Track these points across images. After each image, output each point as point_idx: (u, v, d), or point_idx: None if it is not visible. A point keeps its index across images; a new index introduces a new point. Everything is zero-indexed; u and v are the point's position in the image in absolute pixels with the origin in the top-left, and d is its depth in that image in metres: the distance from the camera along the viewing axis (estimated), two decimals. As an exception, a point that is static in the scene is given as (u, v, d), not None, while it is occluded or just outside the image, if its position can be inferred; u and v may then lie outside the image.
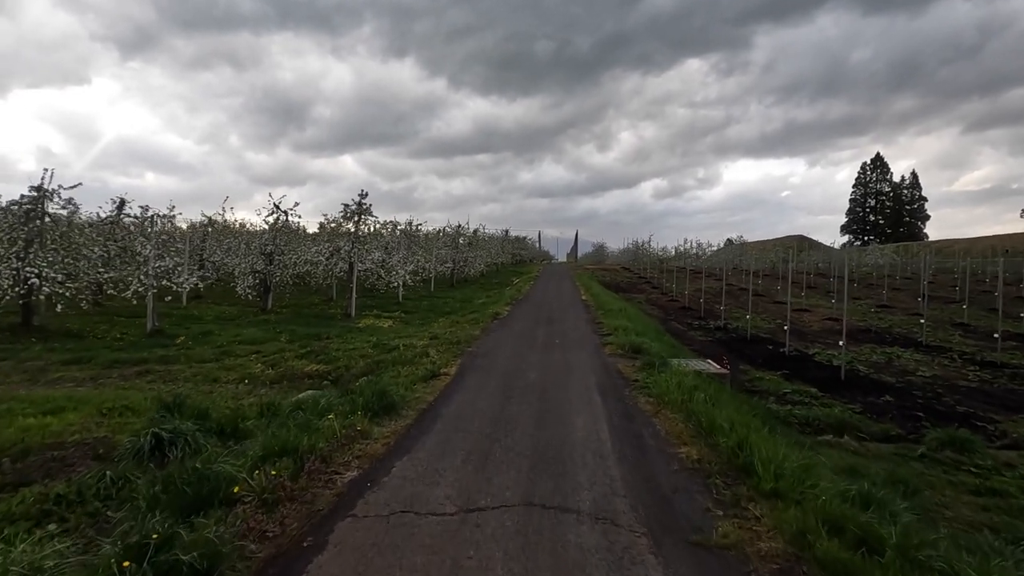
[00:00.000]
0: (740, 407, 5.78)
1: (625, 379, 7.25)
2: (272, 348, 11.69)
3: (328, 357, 10.64)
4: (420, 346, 10.74)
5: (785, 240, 79.71)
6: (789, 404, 9.79)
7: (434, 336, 11.65)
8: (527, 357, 8.89)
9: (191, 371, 10.01)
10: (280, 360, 10.66)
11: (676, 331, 19.23)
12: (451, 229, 33.85)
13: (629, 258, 60.63)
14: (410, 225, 24.43)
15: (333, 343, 12.08)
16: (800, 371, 12.97)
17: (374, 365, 9.70)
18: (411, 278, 22.45)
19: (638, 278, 42.79)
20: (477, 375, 7.45)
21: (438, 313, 19.42)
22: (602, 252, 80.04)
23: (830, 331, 21.48)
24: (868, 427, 8.68)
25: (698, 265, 54.01)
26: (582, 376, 7.39)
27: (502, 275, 42.48)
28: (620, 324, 11.63)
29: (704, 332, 20.02)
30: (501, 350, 9.64)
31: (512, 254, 60.71)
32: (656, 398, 5.90)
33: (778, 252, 60.61)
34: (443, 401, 6.03)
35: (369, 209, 17.34)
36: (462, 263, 32.34)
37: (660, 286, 35.59)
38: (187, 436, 5.18)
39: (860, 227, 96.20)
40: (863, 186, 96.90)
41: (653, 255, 53.89)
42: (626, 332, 10.91)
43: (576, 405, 5.82)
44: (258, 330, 13.96)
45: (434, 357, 9.35)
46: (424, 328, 14.75)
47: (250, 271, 17.02)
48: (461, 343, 10.38)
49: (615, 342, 9.89)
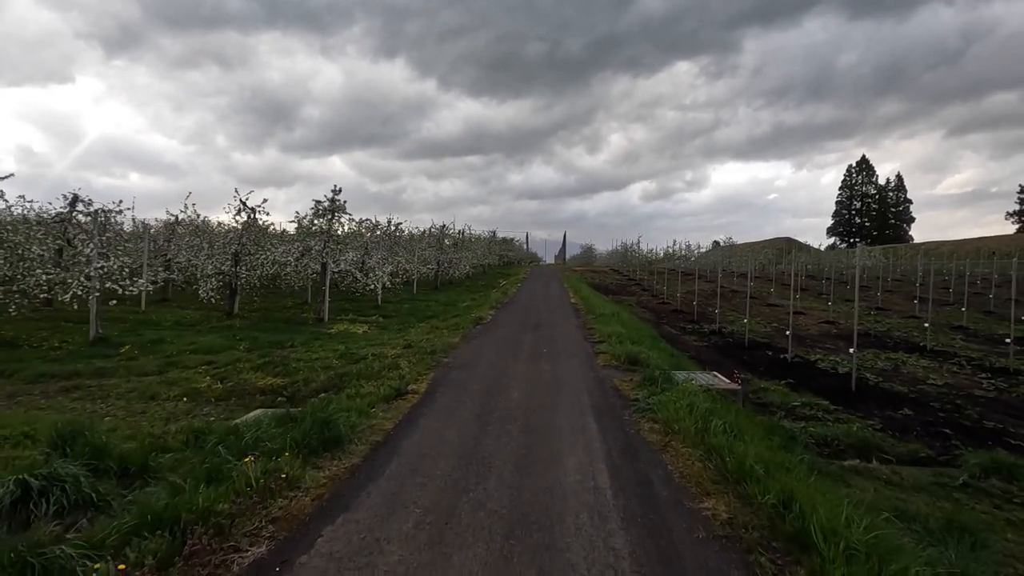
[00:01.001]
0: (766, 437, 4.76)
1: (623, 398, 6.20)
2: (227, 358, 10.50)
3: (287, 369, 9.49)
4: (391, 356, 9.62)
5: (773, 242, 79.56)
6: (802, 420, 8.83)
7: (409, 344, 10.53)
8: (510, 369, 7.82)
9: (127, 386, 8.79)
10: (233, 372, 9.48)
11: (670, 336, 18.29)
12: (435, 229, 32.70)
13: (618, 260, 59.84)
14: (390, 224, 23.25)
15: (297, 352, 10.91)
16: (806, 380, 12.05)
17: (336, 379, 8.57)
18: (391, 280, 21.27)
19: (628, 280, 41.93)
20: (451, 393, 6.37)
21: (419, 317, 18.30)
22: (591, 254, 79.24)
23: (827, 335, 20.69)
24: (894, 448, 7.73)
25: (687, 267, 53.37)
26: (573, 394, 6.34)
27: (489, 277, 41.38)
28: (613, 330, 10.60)
29: (699, 337, 19.11)
30: (482, 361, 8.56)
31: (499, 255, 59.60)
32: (663, 425, 4.86)
33: (767, 254, 60.21)
34: (404, 430, 4.93)
35: (343, 207, 16.16)
36: (447, 265, 31.18)
37: (650, 288, 34.74)
38: (66, 484, 4.01)
39: (846, 229, 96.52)
40: (849, 188, 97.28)
41: (642, 257, 53.10)
42: (620, 340, 9.88)
43: (567, 436, 4.75)
44: (217, 337, 12.74)
45: (404, 369, 8.24)
46: (401, 334, 13.62)
47: (214, 272, 15.75)
48: (437, 352, 9.27)
49: (609, 351, 8.85)
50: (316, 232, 15.62)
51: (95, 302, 11.47)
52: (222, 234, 15.80)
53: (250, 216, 16.63)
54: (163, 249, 19.92)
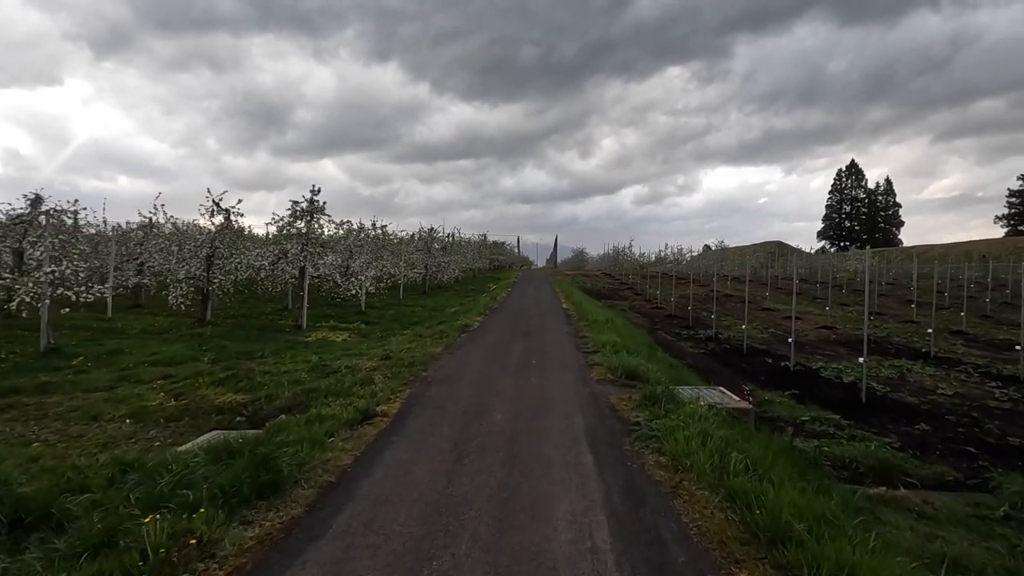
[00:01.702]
0: (796, 475, 4.00)
1: (622, 421, 5.44)
2: (188, 371, 9.64)
3: (252, 383, 8.64)
4: (366, 369, 8.82)
5: (764, 246, 79.46)
6: (814, 438, 8.12)
7: (387, 356, 9.72)
8: (495, 385, 7.05)
9: (70, 404, 7.90)
10: (191, 387, 8.63)
11: (665, 342, 17.60)
12: (424, 232, 31.87)
13: (609, 264, 59.26)
14: (375, 226, 22.38)
15: (266, 364, 10.06)
16: (811, 391, 11.37)
17: (303, 395, 7.75)
18: (376, 285, 20.42)
19: (620, 284, 41.32)
20: (426, 415, 5.59)
21: (403, 323, 17.49)
22: (582, 258, 78.65)
23: (826, 340, 20.11)
24: (917, 470, 7.04)
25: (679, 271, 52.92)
26: (565, 416, 5.57)
27: (479, 281, 40.59)
28: (607, 339, 9.86)
29: (695, 343, 18.43)
30: (465, 374, 7.77)
31: (490, 259, 58.84)
32: (672, 459, 4.09)
33: (758, 257, 59.89)
34: (365, 466, 4.14)
35: (323, 208, 15.31)
36: (435, 269, 30.34)
37: (643, 292, 34.11)
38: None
39: (836, 233, 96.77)
40: (839, 192, 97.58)
41: (634, 261, 52.52)
42: (615, 349, 9.14)
43: (558, 472, 3.98)
44: (183, 347, 11.85)
45: (378, 385, 7.45)
46: (381, 343, 12.81)
47: (185, 277, 14.83)
48: (416, 365, 8.47)
49: (604, 363, 8.11)
50: (295, 235, 14.77)
51: (46, 310, 10.56)
52: (192, 236, 14.90)
53: (225, 218, 15.75)
54: (135, 253, 18.95)
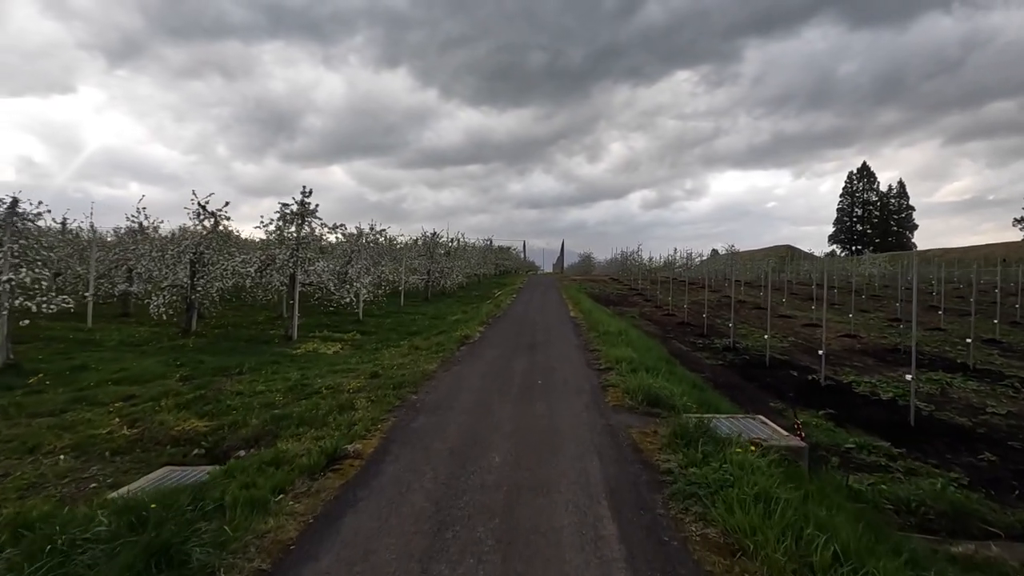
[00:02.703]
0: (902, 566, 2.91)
1: (649, 467, 4.35)
2: (154, 391, 8.65)
3: (219, 407, 7.64)
4: (350, 390, 7.80)
5: (775, 250, 78.12)
6: (864, 471, 7.01)
7: (375, 373, 8.69)
8: (493, 414, 6.00)
9: (8, 433, 6.96)
10: (151, 411, 7.64)
11: (679, 353, 16.49)
12: (427, 237, 30.89)
13: (617, 268, 58.12)
14: (372, 230, 21.39)
15: (241, 382, 9.06)
16: (848, 410, 10.23)
17: (272, 423, 6.73)
18: (372, 291, 19.43)
19: (629, 290, 40.19)
20: (405, 459, 4.54)
21: (401, 333, 16.49)
22: (589, 262, 77.55)
23: (851, 350, 18.89)
24: (999, 517, 5.90)
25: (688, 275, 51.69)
26: (578, 459, 4.51)
27: (483, 287, 39.59)
28: (622, 354, 8.78)
29: (711, 353, 17.31)
30: (459, 399, 6.72)
31: (495, 264, 57.82)
32: (723, 532, 3.01)
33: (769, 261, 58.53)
34: (312, 543, 3.08)
35: (314, 211, 14.33)
36: (438, 274, 29.34)
37: (653, 298, 32.98)
38: None
39: (848, 236, 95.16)
40: (850, 196, 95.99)
41: (643, 266, 51.35)
42: (632, 367, 8.07)
43: (572, 556, 2.91)
44: (157, 361, 10.89)
45: (359, 413, 6.42)
46: (374, 356, 11.80)
47: (168, 285, 13.91)
48: (406, 386, 7.43)
49: (620, 384, 7.03)
50: (285, 240, 13.79)
51: (4, 322, 9.63)
52: (175, 241, 13.97)
53: (212, 222, 14.84)
54: (123, 259, 18.08)
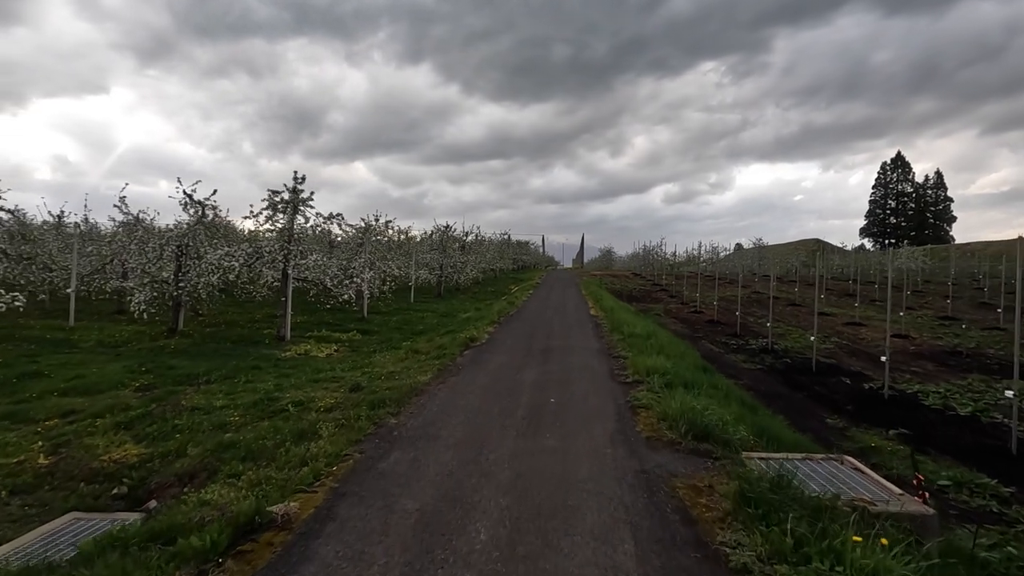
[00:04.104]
0: None
1: (714, 562, 2.82)
2: (101, 404, 7.40)
3: (164, 428, 6.34)
4: (321, 408, 6.44)
5: (804, 243, 75.07)
6: (969, 519, 5.39)
7: (357, 385, 7.31)
8: (488, 452, 4.53)
9: (-98, 461, 5.71)
10: (84, 433, 6.36)
11: (711, 355, 14.85)
12: (440, 230, 29.54)
13: (639, 263, 56.10)
14: (377, 222, 20.01)
15: (203, 394, 7.76)
16: (924, 429, 8.55)
17: (216, 452, 5.38)
18: (380, 288, 18.14)
19: (652, 285, 38.37)
20: (353, 531, 3.11)
21: (406, 332, 15.17)
22: (610, 257, 75.49)
23: (905, 353, 16.94)
24: None
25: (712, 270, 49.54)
26: (601, 544, 2.92)
27: (499, 283, 38.18)
28: (654, 364, 7.24)
29: (747, 356, 15.62)
30: (447, 427, 5.29)
31: (513, 259, 56.34)
32: None
33: (798, 256, 55.83)
34: None
35: (307, 199, 13.02)
36: (451, 270, 27.99)
37: (678, 294, 31.18)
38: None
39: (880, 230, 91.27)
40: (883, 187, 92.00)
41: (666, 260, 49.32)
42: (667, 381, 6.55)
43: None
44: (122, 367, 9.69)
45: (319, 443, 5.04)
46: (368, 360, 10.47)
47: (149, 281, 12.76)
48: (387, 404, 6.03)
49: (654, 406, 5.52)
50: (273, 231, 12.53)
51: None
52: (157, 233, 12.81)
53: (199, 212, 13.65)
54: (115, 254, 17.06)
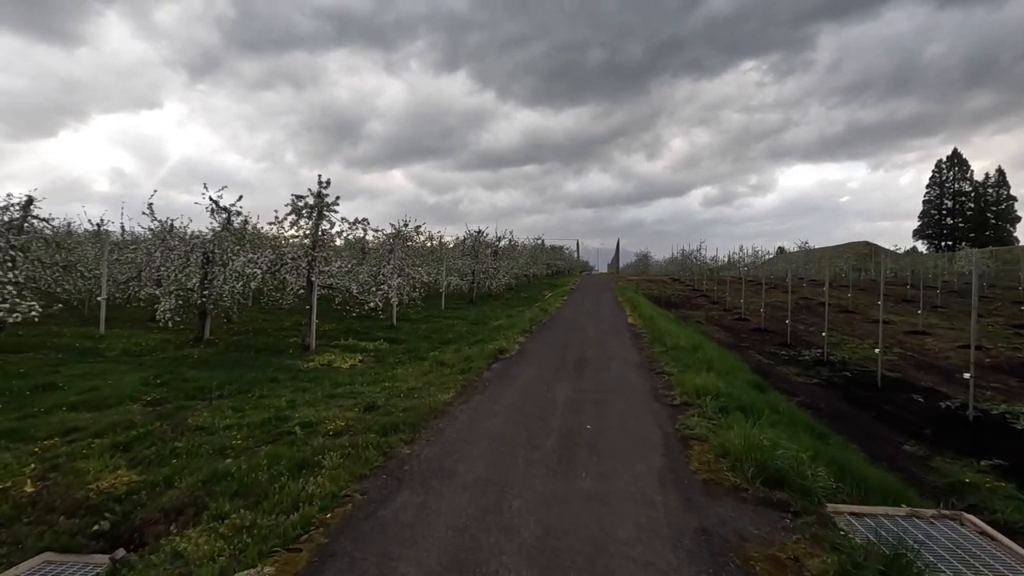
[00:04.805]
0: None
1: None
2: (105, 421, 6.99)
3: (163, 450, 5.83)
4: (329, 431, 5.83)
5: (853, 246, 71.56)
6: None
7: (372, 404, 6.68)
8: (511, 496, 3.75)
9: None
10: (79, 455, 5.90)
11: (761, 368, 13.70)
12: (472, 235, 28.99)
13: (676, 268, 54.40)
14: (406, 226, 19.50)
15: (212, 410, 7.27)
16: (1019, 459, 7.34)
17: (207, 484, 4.80)
18: (407, 294, 17.66)
19: (691, 291, 36.88)
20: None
21: (434, 342, 14.57)
22: (646, 262, 73.74)
23: (979, 365, 15.27)
24: None
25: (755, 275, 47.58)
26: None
27: (533, 288, 37.42)
28: (705, 384, 6.34)
29: (800, 368, 14.38)
30: (465, 459, 4.54)
31: (547, 264, 55.47)
32: None
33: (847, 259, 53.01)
34: None
35: (332, 204, 12.58)
36: (483, 276, 27.38)
37: (720, 300, 29.74)
38: None
39: (936, 231, 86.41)
40: (939, 186, 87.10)
41: (705, 264, 47.60)
42: (721, 405, 5.66)
43: None
44: (139, 378, 9.35)
45: (319, 478, 4.40)
46: (391, 373, 9.89)
47: (175, 289, 12.56)
48: (401, 429, 5.35)
49: (710, 438, 4.64)
50: (297, 236, 12.15)
51: (-33, 333, 8.31)
52: (184, 240, 12.62)
53: (225, 219, 13.42)
54: (145, 262, 17.09)
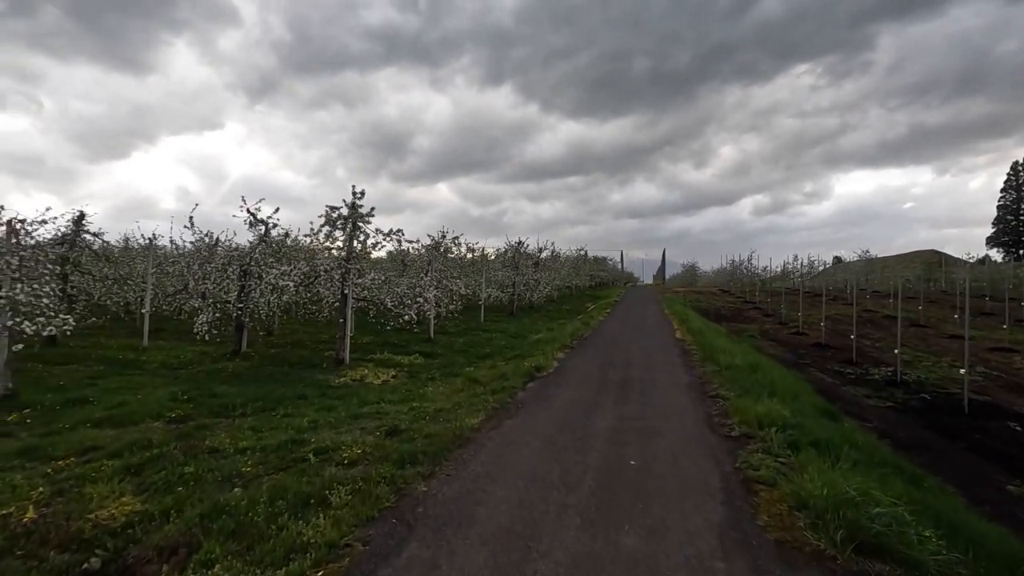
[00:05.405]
0: None
1: None
2: (125, 440, 6.76)
3: (172, 476, 5.47)
4: (344, 460, 5.34)
5: (919, 255, 67.14)
6: None
7: (394, 429, 6.16)
8: (539, 561, 3.04)
9: None
10: (88, 478, 5.60)
11: (824, 387, 12.48)
12: (512, 247, 28.52)
13: (726, 279, 52.26)
14: (443, 237, 19.13)
15: (231, 431, 6.93)
16: None
17: (205, 521, 4.35)
18: (445, 307, 17.26)
19: (743, 303, 35.13)
20: None
21: (471, 356, 14.07)
22: (693, 273, 71.39)
23: (1082, 389, 13.54)
24: None
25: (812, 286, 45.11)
26: None
27: (575, 300, 36.55)
28: (768, 412, 5.46)
29: (869, 389, 13.04)
30: (488, 503, 3.89)
31: (590, 276, 54.40)
32: None
33: (913, 269, 49.57)
34: None
35: (367, 215, 12.31)
36: (523, 288, 26.81)
37: (775, 313, 28.07)
38: None
39: (1014, 238, 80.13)
40: (1015, 190, 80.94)
41: (757, 275, 45.41)
42: (791, 440, 4.82)
43: None
44: (168, 393, 9.20)
45: (320, 520, 3.87)
46: (422, 391, 9.41)
47: (213, 302, 12.55)
48: (419, 462, 4.79)
49: (780, 484, 3.81)
50: (331, 249, 11.92)
51: (5, 345, 8.33)
52: (222, 253, 12.63)
53: (262, 231, 13.37)
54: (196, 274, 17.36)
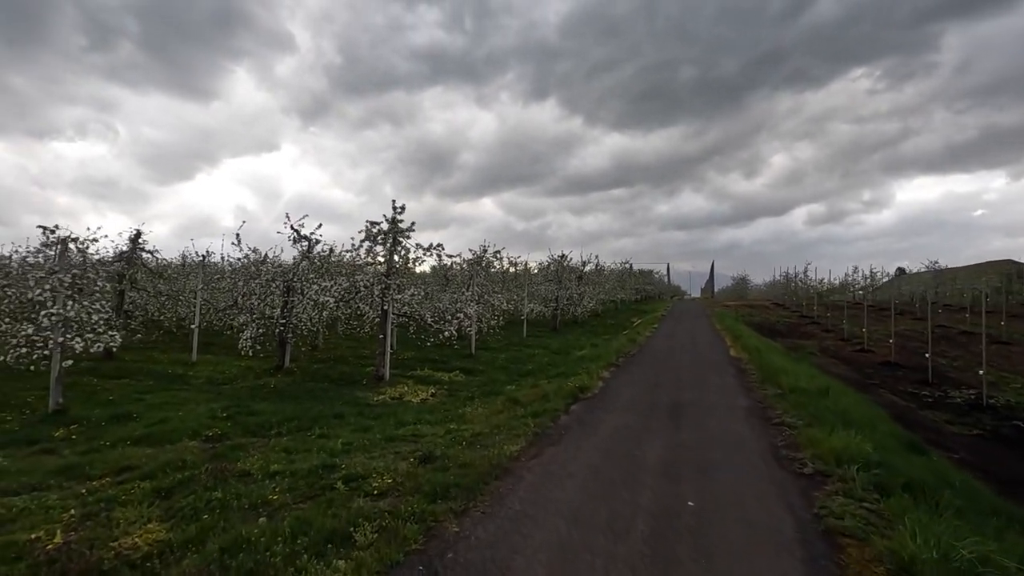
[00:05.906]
0: None
1: None
2: (161, 459, 6.72)
3: (199, 502, 5.30)
4: (373, 491, 5.04)
5: (994, 265, 62.47)
6: None
7: (429, 456, 5.81)
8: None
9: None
10: (119, 500, 5.51)
11: (898, 412, 11.40)
12: (555, 260, 28.09)
13: (779, 292, 49.93)
14: (485, 251, 18.84)
15: (265, 451, 6.78)
16: None
17: (225, 555, 4.11)
18: (486, 323, 16.97)
19: (799, 317, 33.35)
20: None
21: (512, 373, 13.69)
22: (744, 286, 68.74)
23: None
24: None
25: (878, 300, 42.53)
26: None
27: (620, 315, 35.65)
28: (846, 446, 4.76)
29: (950, 414, 11.87)
30: (526, 553, 3.37)
31: (636, 289, 53.13)
32: None
33: (989, 281, 45.93)
34: None
35: (407, 230, 12.19)
36: (567, 302, 26.28)
37: (835, 328, 26.44)
38: None
39: (1104, 247, 73.53)
40: (1104, 194, 74.44)
41: (814, 288, 43.10)
42: (877, 481, 4.16)
43: None
44: (208, 410, 9.22)
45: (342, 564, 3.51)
46: (459, 411, 9.10)
47: (256, 317, 12.69)
48: (453, 495, 4.40)
49: (872, 540, 3.20)
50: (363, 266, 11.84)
51: (57, 362, 8.53)
52: (267, 269, 12.77)
53: (305, 248, 13.49)
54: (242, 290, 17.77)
